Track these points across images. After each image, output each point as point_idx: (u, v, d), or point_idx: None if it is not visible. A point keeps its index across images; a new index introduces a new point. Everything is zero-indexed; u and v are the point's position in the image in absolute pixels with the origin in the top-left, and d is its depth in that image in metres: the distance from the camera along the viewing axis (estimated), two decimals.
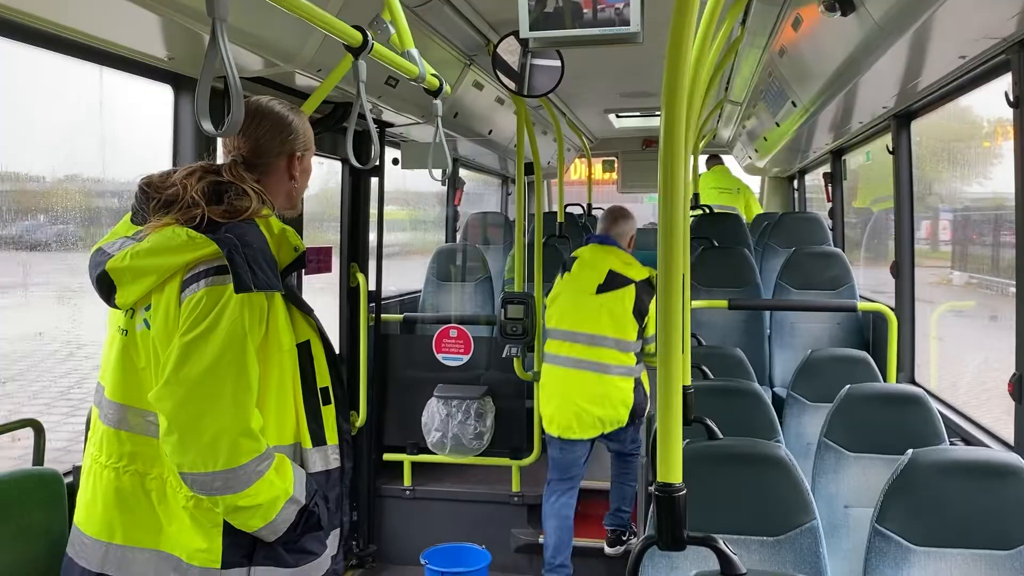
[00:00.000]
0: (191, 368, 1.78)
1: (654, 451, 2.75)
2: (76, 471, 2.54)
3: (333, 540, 2.08)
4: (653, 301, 4.07)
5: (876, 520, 2.25)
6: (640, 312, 4.13)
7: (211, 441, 1.77)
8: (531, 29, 3.15)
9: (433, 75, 2.66)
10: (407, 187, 6.86)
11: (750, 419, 3.16)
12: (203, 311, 1.80)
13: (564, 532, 4.20)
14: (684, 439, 2.47)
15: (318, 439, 2.02)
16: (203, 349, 1.78)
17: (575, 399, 4.08)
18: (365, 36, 2.17)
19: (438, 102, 2.84)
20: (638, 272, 4.21)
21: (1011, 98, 2.76)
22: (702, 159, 8.32)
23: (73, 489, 2.48)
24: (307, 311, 2.02)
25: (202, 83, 1.47)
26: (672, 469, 1.40)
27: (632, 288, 4.14)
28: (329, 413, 2.04)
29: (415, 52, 2.54)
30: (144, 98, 3.31)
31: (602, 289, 4.14)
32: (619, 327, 4.11)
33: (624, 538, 4.35)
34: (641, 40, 3.13)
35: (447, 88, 2.80)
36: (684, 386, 2.42)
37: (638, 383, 4.19)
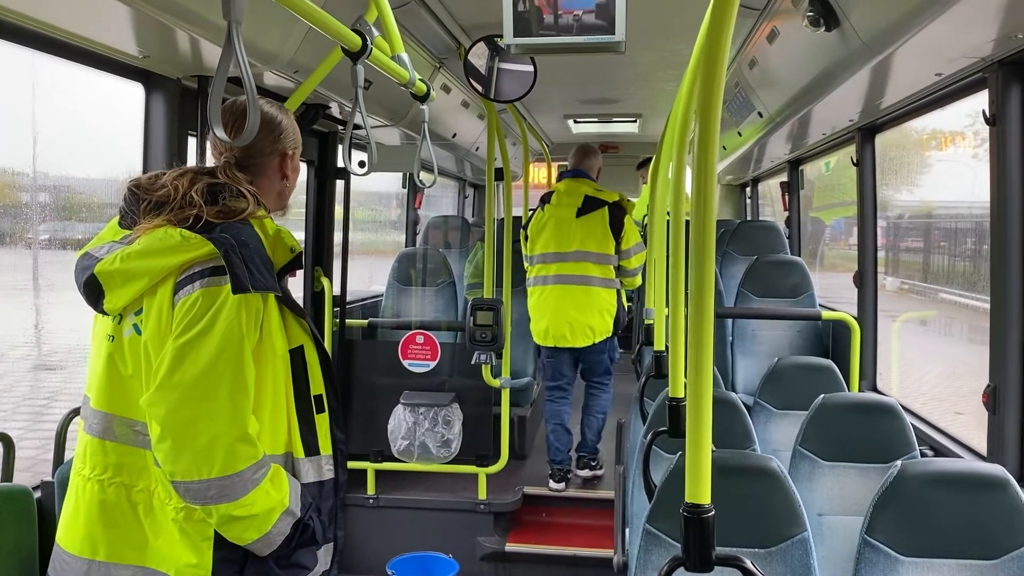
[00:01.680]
0: (186, 371, 1.72)
1: (647, 464, 2.77)
2: (45, 486, 2.44)
3: (325, 555, 2.02)
4: (627, 218, 4.91)
5: (865, 531, 2.28)
6: (616, 227, 4.83)
7: (206, 447, 1.71)
8: (514, 36, 3.14)
9: (421, 81, 2.62)
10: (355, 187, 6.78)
11: (726, 428, 3.19)
12: (198, 313, 1.74)
13: (561, 434, 4.96)
14: (677, 451, 2.49)
15: (311, 449, 1.96)
16: (198, 351, 1.72)
17: (567, 310, 4.78)
18: (364, 41, 2.11)
19: (425, 107, 2.80)
20: (608, 195, 4.93)
21: (988, 116, 2.83)
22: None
23: (42, 505, 2.38)
24: (301, 314, 1.96)
25: (215, 88, 1.41)
26: (701, 490, 1.39)
27: (605, 209, 4.85)
28: (323, 422, 1.99)
29: (405, 57, 2.49)
30: (83, 87, 3.18)
31: (581, 212, 4.84)
32: (599, 243, 4.81)
33: (593, 464, 4.98)
34: (623, 50, 3.13)
35: (433, 94, 2.76)
36: (678, 399, 2.42)
37: (618, 294, 4.90)
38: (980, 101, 3.00)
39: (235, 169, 1.93)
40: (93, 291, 1.84)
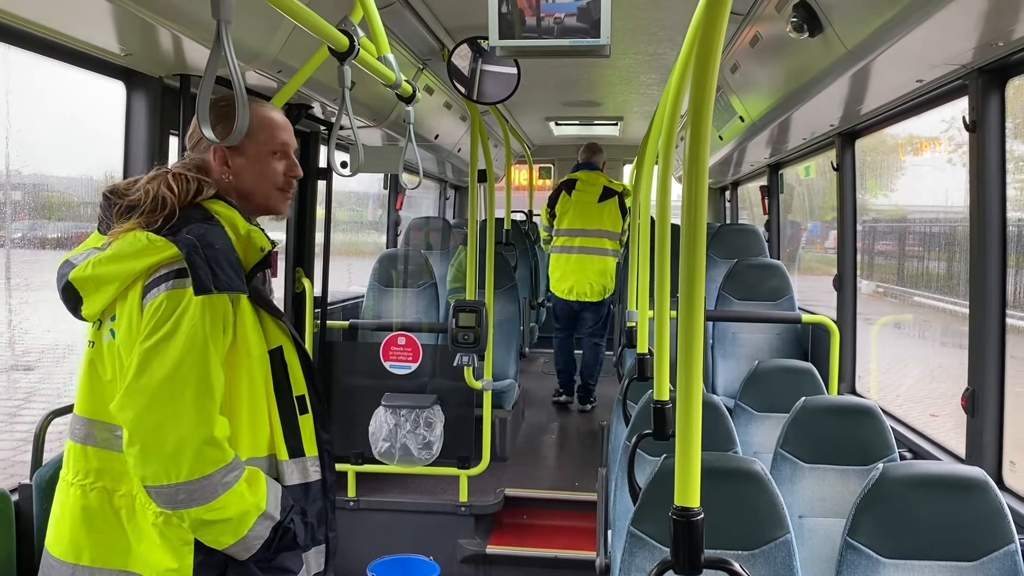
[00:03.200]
0: (151, 375, 1.70)
1: (631, 467, 2.77)
2: (23, 489, 2.40)
3: (318, 557, 2.00)
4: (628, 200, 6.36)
5: (848, 533, 2.30)
6: (623, 211, 6.38)
7: (173, 451, 1.69)
8: (500, 38, 3.13)
9: (407, 82, 2.61)
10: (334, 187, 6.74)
11: (709, 430, 3.19)
12: (163, 316, 1.73)
13: (570, 362, 6.71)
14: (662, 454, 2.49)
15: (295, 450, 1.94)
16: (163, 355, 1.71)
17: (588, 274, 6.29)
18: (352, 41, 2.10)
19: (411, 108, 2.79)
20: (617, 186, 6.51)
21: (968, 122, 2.87)
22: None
23: (20, 508, 2.34)
24: (277, 315, 1.94)
25: (204, 88, 1.39)
26: (691, 494, 1.39)
27: (617, 197, 6.40)
28: (307, 423, 1.97)
29: (391, 57, 2.48)
30: (64, 84, 3.14)
31: (601, 199, 6.38)
32: (613, 223, 6.37)
33: (592, 399, 6.66)
34: (608, 53, 3.13)
35: (419, 95, 2.75)
36: (662, 401, 2.43)
37: (617, 262, 6.43)
38: (959, 108, 3.04)
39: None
40: (71, 298, 1.83)
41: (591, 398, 6.68)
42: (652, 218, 4.22)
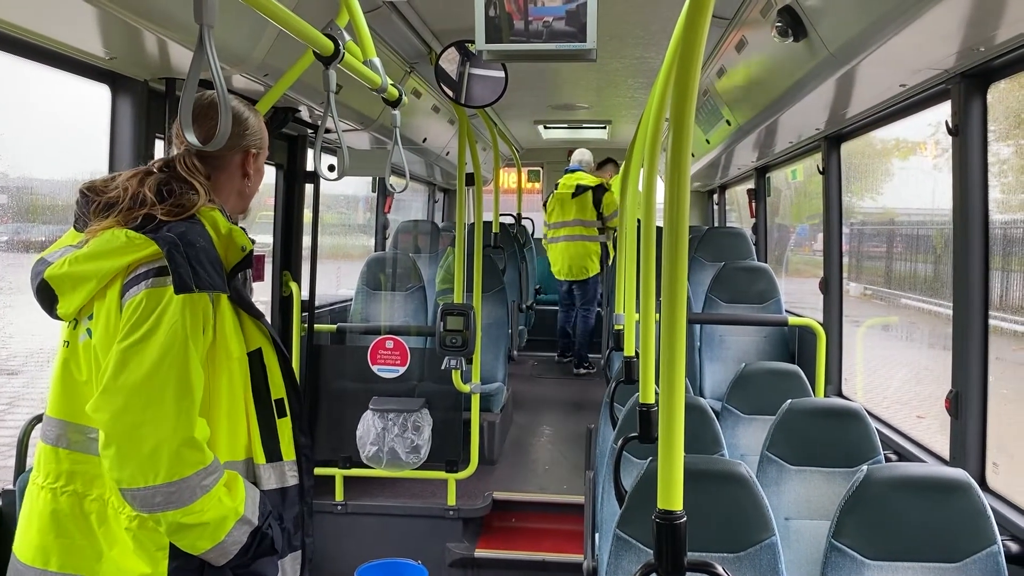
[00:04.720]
0: (129, 375, 1.68)
1: (617, 470, 2.78)
2: (6, 495, 2.39)
3: (294, 564, 1.99)
4: (606, 194, 7.45)
5: (832, 535, 2.31)
6: (596, 203, 7.43)
7: (151, 452, 1.67)
8: (486, 42, 3.14)
9: (393, 86, 2.61)
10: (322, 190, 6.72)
11: (695, 433, 3.20)
12: (143, 315, 1.71)
13: (567, 334, 7.97)
14: (647, 456, 2.50)
15: (273, 454, 1.93)
16: (142, 355, 1.68)
17: (570, 257, 7.51)
18: (337, 45, 2.10)
19: (397, 112, 2.79)
20: (592, 181, 7.53)
21: (950, 126, 2.89)
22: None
23: (2, 514, 2.33)
24: (257, 316, 1.93)
25: (186, 92, 1.39)
26: (674, 497, 1.40)
27: (590, 192, 7.45)
28: (285, 426, 1.96)
29: (377, 62, 2.48)
30: (49, 87, 3.12)
31: (574, 195, 7.47)
32: (586, 214, 7.45)
33: (586, 364, 7.79)
34: (595, 57, 3.15)
35: (405, 99, 2.75)
36: (648, 404, 2.44)
37: (601, 245, 7.46)
38: (943, 112, 3.06)
39: (195, 159, 1.90)
40: (46, 296, 1.81)
41: (584, 363, 7.85)
42: (639, 220, 4.21)
